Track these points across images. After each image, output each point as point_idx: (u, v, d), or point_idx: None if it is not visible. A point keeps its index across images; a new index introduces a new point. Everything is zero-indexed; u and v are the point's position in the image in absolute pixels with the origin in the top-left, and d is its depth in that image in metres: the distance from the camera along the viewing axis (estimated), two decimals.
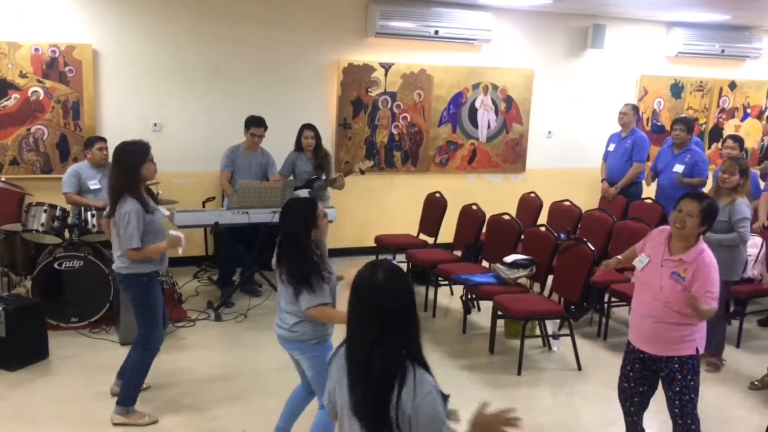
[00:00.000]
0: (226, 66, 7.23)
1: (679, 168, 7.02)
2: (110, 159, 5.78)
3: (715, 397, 4.94)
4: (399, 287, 2.13)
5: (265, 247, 5.51)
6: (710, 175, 7.01)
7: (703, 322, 3.71)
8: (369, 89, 7.77)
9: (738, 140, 6.81)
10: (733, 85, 9.58)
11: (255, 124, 6.47)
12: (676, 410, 3.69)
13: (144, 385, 4.45)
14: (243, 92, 7.29)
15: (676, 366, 3.65)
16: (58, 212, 5.64)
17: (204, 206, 7.00)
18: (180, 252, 4.40)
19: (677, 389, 3.66)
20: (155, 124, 7.05)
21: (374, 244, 7.12)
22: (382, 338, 2.08)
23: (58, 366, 5.00)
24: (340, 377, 2.21)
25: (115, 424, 4.22)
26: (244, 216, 5.92)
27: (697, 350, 3.68)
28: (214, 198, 7.14)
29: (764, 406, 4.53)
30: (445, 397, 2.14)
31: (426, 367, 2.14)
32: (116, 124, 6.84)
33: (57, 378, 4.83)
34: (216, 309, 6.08)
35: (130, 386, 4.28)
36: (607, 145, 7.90)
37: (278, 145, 6.80)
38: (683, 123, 7.14)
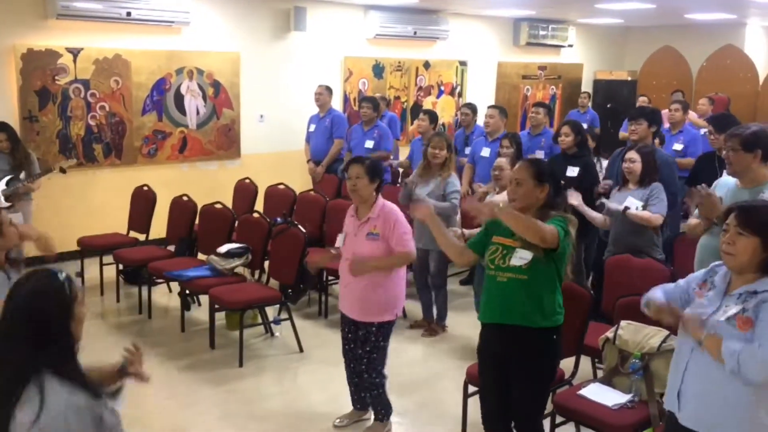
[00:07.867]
0: None
1: (369, 144, 7.51)
2: None
3: (423, 357, 5.32)
4: (37, 298, 1.96)
5: None
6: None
7: (401, 289, 3.96)
8: (56, 77, 6.99)
9: (427, 113, 7.50)
10: (427, 65, 10.34)
11: None
12: (363, 366, 3.98)
13: None
14: None
15: (374, 330, 3.91)
16: None
17: None
18: None
19: (368, 349, 3.95)
20: None
21: (78, 248, 6.47)
22: (10, 348, 1.91)
23: None
24: None
25: None
26: None
27: (397, 315, 3.95)
28: None
29: (464, 360, 4.90)
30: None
31: (79, 384, 1.92)
32: None
33: None
34: None
35: None
36: (308, 127, 8.11)
37: None
38: (369, 101, 7.74)
